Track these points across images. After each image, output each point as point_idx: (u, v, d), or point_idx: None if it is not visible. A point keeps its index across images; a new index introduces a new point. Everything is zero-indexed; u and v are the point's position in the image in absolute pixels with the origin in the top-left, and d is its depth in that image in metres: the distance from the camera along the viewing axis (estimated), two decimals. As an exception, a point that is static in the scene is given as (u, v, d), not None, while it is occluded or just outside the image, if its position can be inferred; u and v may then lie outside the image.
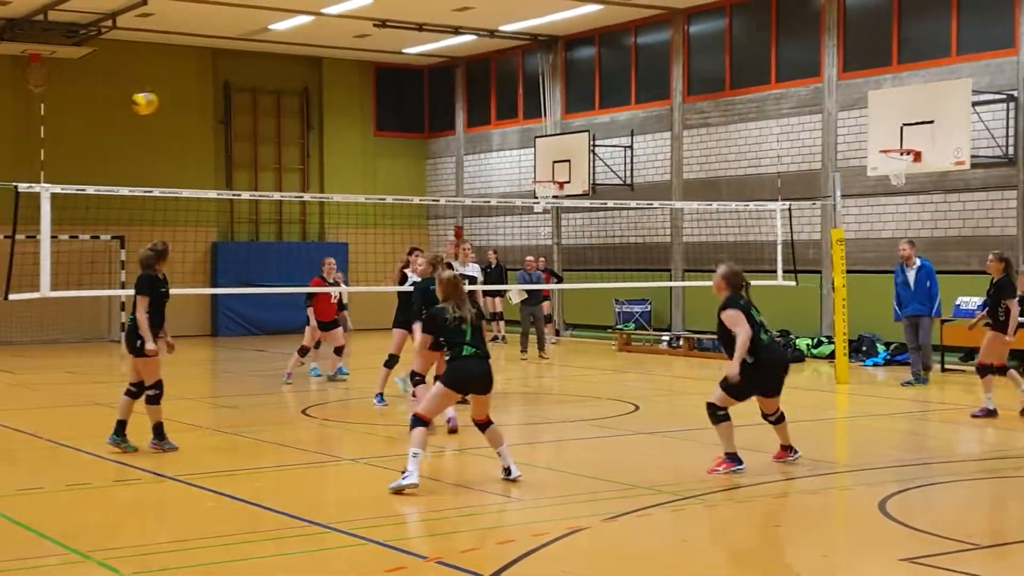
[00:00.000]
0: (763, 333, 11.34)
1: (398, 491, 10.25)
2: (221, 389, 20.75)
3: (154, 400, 12.57)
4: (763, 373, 11.30)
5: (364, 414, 15.91)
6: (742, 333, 11.14)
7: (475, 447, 12.66)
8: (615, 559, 8.57)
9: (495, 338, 27.43)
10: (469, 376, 10.68)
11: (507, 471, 10.83)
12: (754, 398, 11.54)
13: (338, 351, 19.68)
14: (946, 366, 20.79)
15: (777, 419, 11.68)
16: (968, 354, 21.20)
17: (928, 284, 19.04)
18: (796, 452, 11.80)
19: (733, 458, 11.29)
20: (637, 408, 16.46)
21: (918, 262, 19.16)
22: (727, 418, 11.34)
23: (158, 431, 12.62)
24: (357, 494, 10.83)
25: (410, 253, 16.55)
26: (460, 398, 11.08)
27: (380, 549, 8.62)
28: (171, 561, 8.32)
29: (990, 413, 15.07)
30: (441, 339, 10.78)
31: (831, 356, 21.56)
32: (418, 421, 10.57)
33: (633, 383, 20.53)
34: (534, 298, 24.28)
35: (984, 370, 15.35)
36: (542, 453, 13.28)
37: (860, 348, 22.47)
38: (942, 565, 8.08)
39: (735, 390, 11.30)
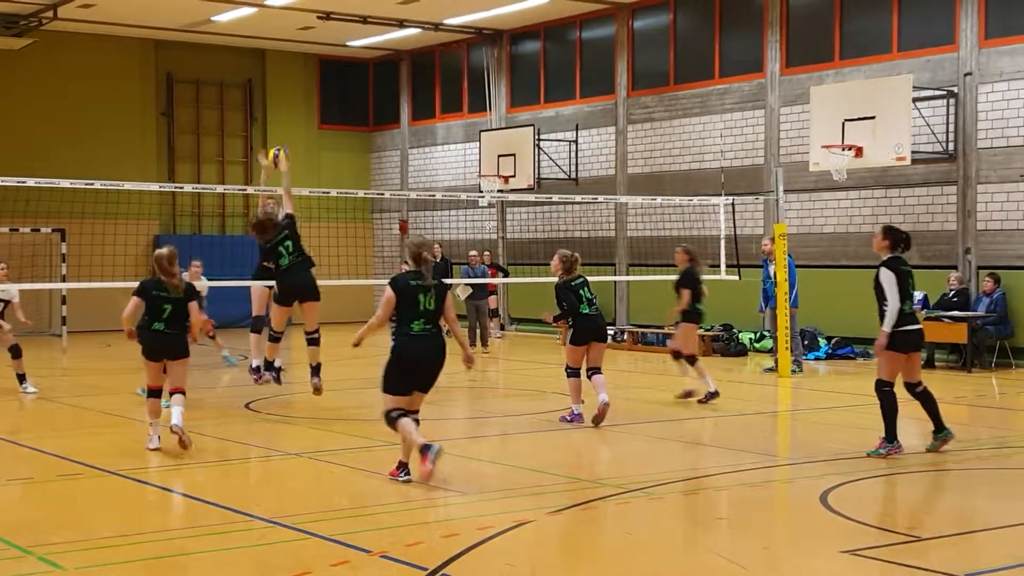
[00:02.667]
0: (416, 323, 10.55)
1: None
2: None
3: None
4: (405, 364, 10.57)
5: (307, 408, 15.84)
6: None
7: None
8: (560, 552, 8.59)
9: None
10: (150, 347, 12.23)
11: None
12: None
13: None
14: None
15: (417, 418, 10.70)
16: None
17: (764, 281, 20.47)
18: (433, 449, 10.33)
19: (425, 449, 10.29)
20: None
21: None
22: (402, 414, 10.46)
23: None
24: (300, 488, 10.79)
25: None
26: (162, 366, 12.29)
27: (324, 543, 8.60)
28: (114, 556, 8.26)
29: (712, 395, 16.04)
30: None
31: (773, 350, 21.70)
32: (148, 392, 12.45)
33: (577, 377, 20.51)
34: (480, 292, 24.29)
35: (687, 358, 16.39)
36: (487, 447, 13.29)
37: (802, 342, 22.61)
38: (883, 557, 8.16)
39: (393, 385, 10.53)
